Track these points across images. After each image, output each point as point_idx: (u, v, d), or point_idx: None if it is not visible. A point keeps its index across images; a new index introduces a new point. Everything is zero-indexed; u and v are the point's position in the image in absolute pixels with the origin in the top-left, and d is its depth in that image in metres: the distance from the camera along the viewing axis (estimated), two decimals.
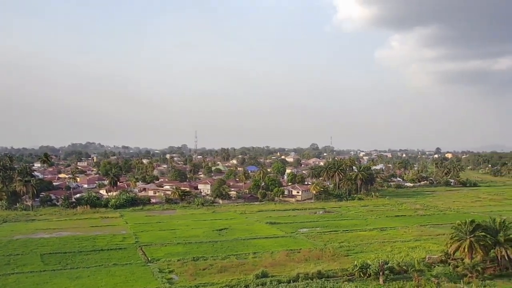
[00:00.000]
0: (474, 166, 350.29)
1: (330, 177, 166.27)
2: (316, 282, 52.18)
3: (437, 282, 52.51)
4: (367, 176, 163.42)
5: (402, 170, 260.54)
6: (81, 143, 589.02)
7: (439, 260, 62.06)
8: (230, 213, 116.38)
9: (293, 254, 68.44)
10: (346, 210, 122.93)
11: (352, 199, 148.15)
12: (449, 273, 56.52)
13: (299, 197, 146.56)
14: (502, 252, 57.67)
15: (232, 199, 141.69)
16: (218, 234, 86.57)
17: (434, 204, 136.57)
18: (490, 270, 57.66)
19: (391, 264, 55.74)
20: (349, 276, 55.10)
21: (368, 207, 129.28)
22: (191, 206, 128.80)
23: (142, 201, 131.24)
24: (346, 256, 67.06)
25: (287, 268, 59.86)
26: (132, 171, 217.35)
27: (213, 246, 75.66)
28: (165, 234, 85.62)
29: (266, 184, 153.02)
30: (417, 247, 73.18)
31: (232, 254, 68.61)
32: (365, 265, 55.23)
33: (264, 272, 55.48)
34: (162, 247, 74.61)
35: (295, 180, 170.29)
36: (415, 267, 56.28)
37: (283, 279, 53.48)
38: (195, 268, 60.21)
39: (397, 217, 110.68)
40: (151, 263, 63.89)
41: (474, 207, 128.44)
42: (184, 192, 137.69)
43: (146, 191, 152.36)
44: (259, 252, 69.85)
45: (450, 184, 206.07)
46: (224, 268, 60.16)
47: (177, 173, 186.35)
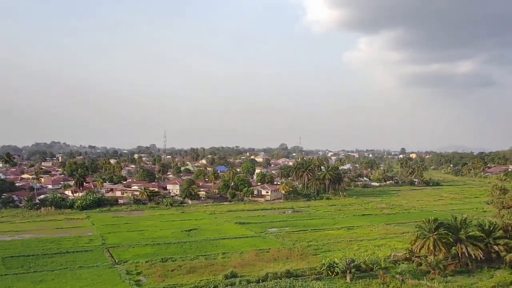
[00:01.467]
0: (436, 166, 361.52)
1: (299, 177, 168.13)
2: (285, 281, 52.63)
3: (401, 279, 54.03)
4: (335, 176, 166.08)
5: (368, 170, 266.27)
6: (45, 142, 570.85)
7: (404, 257, 63.82)
8: (199, 214, 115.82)
9: (262, 254, 68.81)
10: (314, 210, 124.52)
11: (321, 198, 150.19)
12: (413, 270, 58.30)
13: (268, 197, 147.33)
14: (463, 249, 59.83)
15: (201, 199, 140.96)
16: (187, 234, 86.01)
17: (399, 203, 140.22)
18: (452, 267, 59.74)
19: (357, 263, 56.87)
20: (317, 275, 55.92)
21: (336, 207, 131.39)
22: (160, 206, 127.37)
23: (109, 202, 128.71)
24: (315, 255, 67.95)
25: (256, 268, 60.14)
26: (99, 171, 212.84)
27: (182, 246, 75.14)
28: (133, 235, 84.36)
29: (235, 184, 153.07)
30: (383, 245, 74.97)
31: (201, 255, 68.35)
32: (333, 264, 56.16)
33: (233, 272, 55.56)
34: (130, 248, 73.49)
35: (265, 180, 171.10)
36: (380, 265, 57.66)
37: (252, 279, 53.68)
38: (164, 269, 59.65)
39: (363, 216, 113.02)
40: (118, 265, 62.86)
41: (437, 206, 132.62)
42: (152, 192, 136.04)
43: (113, 192, 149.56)
44: (228, 252, 69.89)
45: (414, 183, 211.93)
46: (193, 268, 59.85)
47: (145, 173, 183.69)
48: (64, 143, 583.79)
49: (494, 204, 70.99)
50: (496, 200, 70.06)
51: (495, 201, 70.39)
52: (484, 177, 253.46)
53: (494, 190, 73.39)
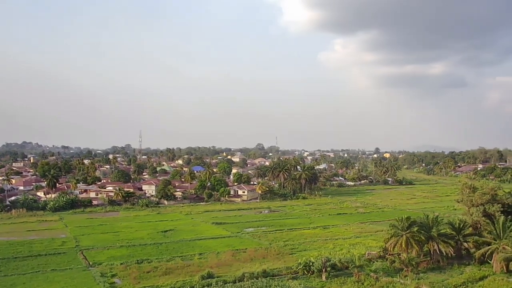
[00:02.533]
0: (409, 165, 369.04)
1: (276, 177, 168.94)
2: (261, 281, 52.90)
3: (375, 277, 55.07)
4: (311, 176, 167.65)
5: (344, 170, 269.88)
6: (16, 142, 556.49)
7: (378, 255, 65.01)
8: (175, 214, 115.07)
9: (239, 254, 68.96)
10: (290, 209, 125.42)
11: (297, 198, 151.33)
12: (387, 268, 59.47)
13: (245, 197, 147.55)
14: (434, 246, 61.48)
15: (177, 199, 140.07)
16: (163, 235, 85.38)
17: (374, 202, 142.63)
18: (424, 264, 61.21)
19: (333, 261, 57.71)
20: (293, 274, 56.44)
21: (312, 206, 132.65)
22: (135, 207, 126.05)
23: (83, 203, 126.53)
24: (291, 255, 68.51)
25: (232, 268, 60.24)
26: (73, 172, 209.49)
27: (158, 248, 74.55)
28: (108, 237, 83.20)
29: (212, 184, 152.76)
30: (358, 243, 76.22)
31: (177, 256, 67.98)
32: (309, 263, 56.77)
33: (209, 273, 55.51)
34: (104, 250, 72.52)
35: (241, 180, 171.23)
36: (355, 263, 58.50)
37: (228, 279, 53.76)
38: (139, 271, 59.06)
39: (339, 215, 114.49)
40: (92, 267, 61.90)
41: (409, 204, 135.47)
42: (127, 193, 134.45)
43: (87, 193, 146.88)
44: (205, 253, 69.72)
45: (388, 182, 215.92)
46: (169, 270, 59.47)
47: (120, 174, 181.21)
48: (36, 144, 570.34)
49: (464, 202, 72.72)
50: (466, 198, 71.76)
51: (465, 200, 72.12)
52: (454, 176, 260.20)
53: (464, 188, 75.10)
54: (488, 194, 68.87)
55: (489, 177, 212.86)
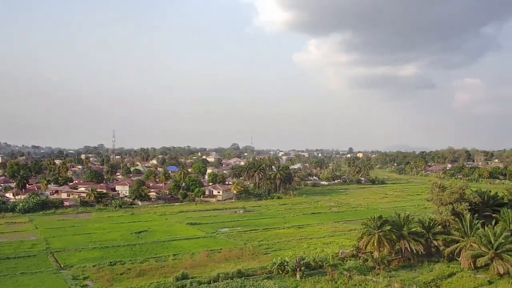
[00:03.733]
0: (382, 165, 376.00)
1: (251, 177, 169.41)
2: (236, 281, 53.02)
3: (349, 275, 55.99)
4: (286, 175, 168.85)
5: (318, 169, 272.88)
6: None
7: (351, 254, 66.10)
8: (149, 215, 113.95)
9: (214, 254, 68.91)
10: (265, 209, 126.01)
11: (272, 198, 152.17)
12: (360, 266, 60.57)
13: (220, 197, 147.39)
14: (405, 244, 63.00)
15: (152, 200, 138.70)
16: (136, 237, 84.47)
17: (347, 201, 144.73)
18: (396, 262, 62.66)
19: (307, 260, 58.38)
20: (268, 274, 56.79)
21: (287, 206, 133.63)
22: (108, 208, 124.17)
23: (54, 204, 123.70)
24: (266, 254, 68.89)
25: (207, 268, 60.17)
26: (43, 172, 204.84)
27: (132, 249, 73.71)
28: (80, 239, 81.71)
29: (187, 184, 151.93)
30: (331, 242, 77.24)
31: (151, 257, 67.37)
32: (283, 262, 57.24)
33: (184, 274, 55.26)
34: (76, 252, 71.21)
35: (216, 180, 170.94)
36: (329, 262, 59.43)
37: (203, 280, 53.67)
38: (112, 273, 58.28)
39: (313, 214, 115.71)
40: (64, 270, 60.69)
41: (382, 203, 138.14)
42: (100, 194, 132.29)
43: (58, 194, 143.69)
44: (179, 254, 69.35)
45: (361, 182, 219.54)
46: (142, 271, 58.87)
47: (93, 174, 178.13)
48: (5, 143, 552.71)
49: (434, 201, 74.70)
50: (436, 197, 73.74)
51: (435, 198, 74.09)
52: (425, 175, 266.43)
53: (433, 188, 77.10)
54: (457, 193, 70.90)
55: (457, 176, 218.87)
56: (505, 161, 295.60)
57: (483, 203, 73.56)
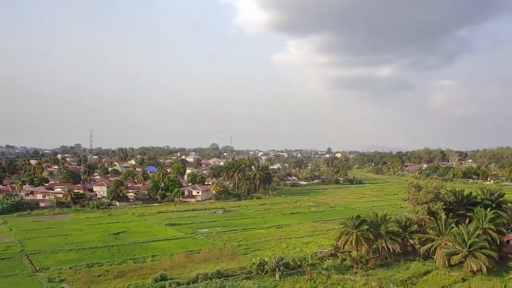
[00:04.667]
0: (360, 165, 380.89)
1: (230, 177, 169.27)
2: (215, 282, 52.94)
3: (327, 274, 56.61)
4: (265, 176, 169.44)
5: (297, 169, 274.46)
6: None
7: (330, 254, 66.82)
8: (127, 216, 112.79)
9: (193, 255, 68.69)
10: (245, 209, 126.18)
11: (251, 198, 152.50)
12: (338, 266, 61.25)
13: (199, 197, 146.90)
14: (382, 243, 64.02)
15: (130, 201, 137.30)
16: (114, 238, 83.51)
17: (326, 201, 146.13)
18: (373, 261, 63.63)
19: (286, 260, 58.65)
20: (247, 274, 56.90)
21: (266, 206, 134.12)
22: (85, 209, 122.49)
23: (30, 205, 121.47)
24: (245, 255, 69.04)
25: (186, 269, 59.94)
26: (18, 172, 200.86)
27: (109, 251, 72.85)
28: (56, 241, 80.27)
29: (165, 185, 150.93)
30: (310, 242, 77.92)
31: (129, 258, 66.74)
32: (263, 262, 57.45)
33: (163, 275, 54.91)
34: (52, 254, 69.95)
35: (195, 180, 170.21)
36: (308, 261, 59.85)
37: (182, 281, 53.43)
38: (89, 275, 57.51)
39: (292, 214, 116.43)
40: (39, 272, 59.54)
41: (360, 203, 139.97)
42: (77, 194, 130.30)
43: (34, 195, 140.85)
44: (158, 255, 68.88)
45: (340, 182, 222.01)
46: (121, 273, 58.29)
47: (69, 175, 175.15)
48: None
49: (410, 201, 76.12)
50: (412, 197, 75.15)
51: (411, 198, 75.50)
52: (401, 175, 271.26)
53: (410, 187, 78.57)
54: (432, 193, 72.36)
55: (433, 176, 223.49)
56: (478, 161, 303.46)
57: (457, 203, 75.24)
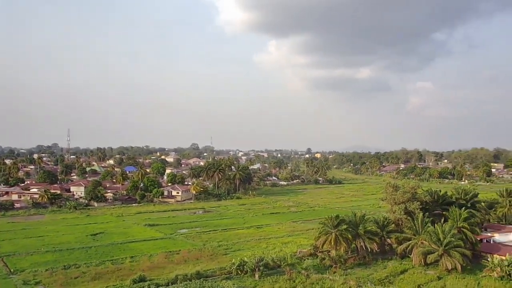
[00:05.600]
0: (339, 165, 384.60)
1: (210, 177, 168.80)
2: (195, 283, 52.77)
3: (306, 274, 57.06)
4: (245, 176, 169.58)
5: (277, 169, 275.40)
6: None
7: (309, 253, 67.39)
8: (106, 216, 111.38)
9: (172, 256, 68.34)
10: (225, 209, 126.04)
11: (231, 198, 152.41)
12: (317, 265, 61.86)
13: (179, 197, 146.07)
14: (361, 243, 64.89)
15: (108, 201, 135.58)
16: (92, 239, 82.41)
17: (305, 201, 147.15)
18: (351, 260, 64.41)
19: (266, 260, 58.79)
20: (227, 274, 56.92)
21: (246, 206, 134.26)
22: (62, 210, 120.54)
23: (4, 206, 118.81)
24: (225, 255, 69.03)
25: (166, 270, 59.58)
26: None
27: (87, 252, 71.85)
28: (32, 242, 78.70)
29: (145, 185, 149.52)
30: (290, 242, 78.42)
31: (107, 260, 65.96)
32: (242, 263, 57.52)
33: (141, 276, 54.43)
34: (27, 256, 68.59)
35: (175, 180, 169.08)
36: (287, 261, 60.21)
37: (161, 282, 53.11)
38: (66, 277, 56.60)
39: (272, 214, 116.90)
40: (14, 274, 58.29)
41: (339, 203, 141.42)
42: (54, 195, 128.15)
43: (9, 195, 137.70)
44: (137, 256, 68.28)
45: (319, 182, 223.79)
46: (98, 275, 57.57)
47: (46, 175, 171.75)
48: None
49: (388, 201, 77.33)
50: (389, 197, 76.35)
51: (389, 198, 76.71)
52: (379, 175, 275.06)
53: (387, 187, 79.89)
54: (409, 193, 73.75)
55: (410, 176, 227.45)
56: (453, 162, 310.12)
57: (434, 202, 76.91)
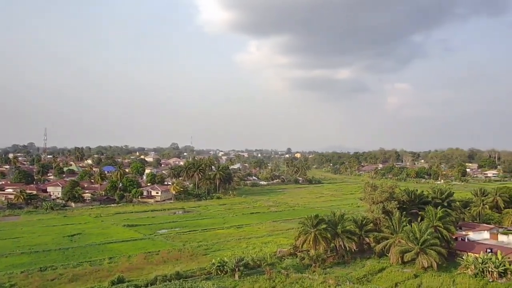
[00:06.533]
0: (318, 165, 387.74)
1: (190, 177, 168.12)
2: (174, 284, 52.56)
3: (286, 273, 57.42)
4: (225, 176, 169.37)
5: (257, 169, 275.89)
6: None
7: (289, 253, 67.83)
8: (84, 217, 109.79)
9: (152, 257, 67.86)
10: (205, 209, 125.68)
11: (211, 198, 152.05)
12: (297, 265, 62.33)
13: (158, 197, 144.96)
14: (339, 242, 65.62)
15: (86, 202, 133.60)
16: (69, 240, 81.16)
17: (285, 200, 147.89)
18: (331, 259, 65.13)
19: (246, 260, 58.94)
20: (207, 275, 56.85)
21: (226, 206, 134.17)
22: (39, 211, 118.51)
23: None
24: (205, 255, 68.88)
25: (145, 271, 59.14)
26: None
27: (64, 253, 70.75)
28: (7, 244, 77.03)
29: (124, 185, 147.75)
30: (270, 242, 78.76)
31: (85, 261, 65.08)
32: (222, 263, 57.55)
33: (120, 277, 53.89)
34: (2, 258, 67.19)
35: (155, 180, 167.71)
36: (267, 261, 60.49)
37: (140, 283, 52.67)
38: (42, 279, 55.64)
39: (252, 214, 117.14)
40: None
41: (318, 203, 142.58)
42: (30, 195, 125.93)
43: None
44: (116, 257, 67.56)
45: (299, 181, 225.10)
46: (76, 276, 56.74)
47: (22, 175, 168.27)
48: None
49: (366, 200, 78.48)
50: (368, 196, 77.50)
51: (367, 197, 77.85)
52: (358, 175, 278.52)
53: (366, 187, 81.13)
54: (387, 192, 74.96)
55: (388, 176, 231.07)
56: (430, 162, 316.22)
57: (411, 202, 78.31)
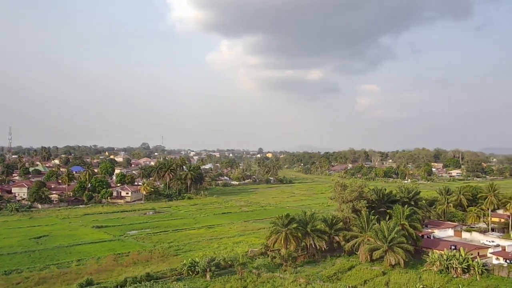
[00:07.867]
0: (290, 165, 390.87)
1: (161, 177, 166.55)
2: (145, 285, 52.11)
3: (257, 273, 57.78)
4: (197, 176, 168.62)
5: (229, 169, 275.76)
6: None
7: (260, 252, 68.26)
8: (51, 219, 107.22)
9: (121, 258, 66.94)
10: (176, 210, 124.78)
11: (182, 198, 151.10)
12: (268, 264, 62.83)
13: (128, 198, 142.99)
14: (310, 241, 66.48)
15: (53, 203, 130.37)
16: (36, 242, 79.13)
17: (257, 200, 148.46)
18: (301, 258, 65.97)
19: (217, 260, 59.06)
20: (178, 276, 56.56)
21: (197, 206, 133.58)
22: (3, 212, 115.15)
23: None
24: (176, 256, 68.44)
25: (114, 273, 58.31)
26: None
27: (30, 256, 68.96)
28: None
29: (92, 185, 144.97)
30: (241, 241, 79.00)
31: (52, 264, 63.63)
32: (193, 263, 57.39)
33: (89, 280, 52.99)
34: None
35: (125, 180, 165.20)
36: (239, 261, 60.63)
37: (109, 285, 52.01)
38: (7, 283, 54.14)
39: (223, 214, 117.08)
40: None
41: (289, 202, 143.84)
42: None
43: None
44: (84, 259, 66.34)
45: (270, 181, 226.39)
46: (42, 280, 55.38)
47: None
48: None
49: (336, 199, 79.74)
50: (338, 195, 78.79)
51: (337, 197, 79.13)
52: (328, 174, 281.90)
53: (336, 187, 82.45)
54: (356, 192, 76.43)
55: (357, 175, 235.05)
56: (397, 162, 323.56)
57: (379, 200, 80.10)
